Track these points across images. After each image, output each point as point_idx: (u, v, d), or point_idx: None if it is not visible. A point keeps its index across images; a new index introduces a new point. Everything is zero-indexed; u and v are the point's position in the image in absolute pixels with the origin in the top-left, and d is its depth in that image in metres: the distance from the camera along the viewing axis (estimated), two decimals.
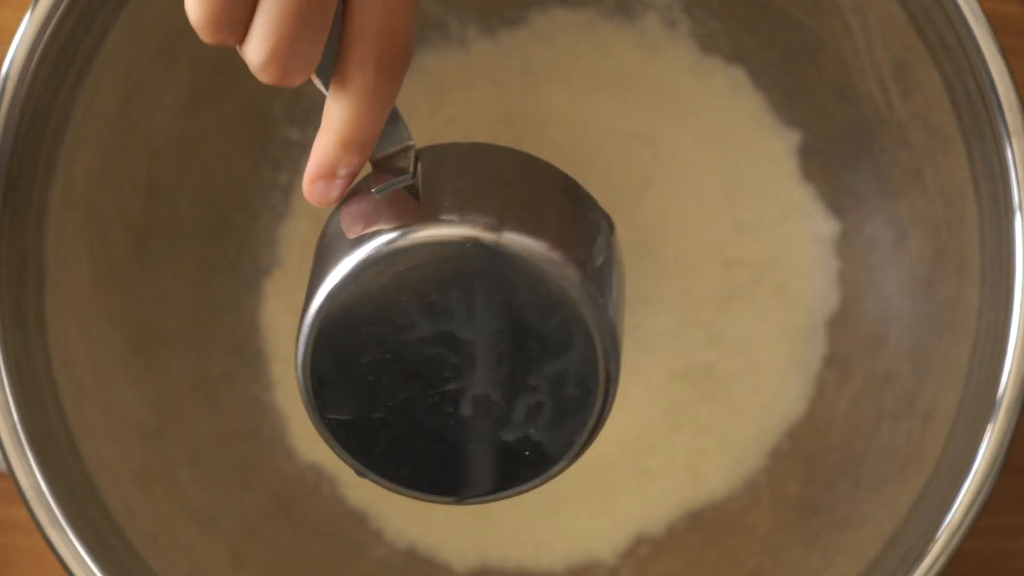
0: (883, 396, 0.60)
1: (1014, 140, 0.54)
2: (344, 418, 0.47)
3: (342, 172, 0.46)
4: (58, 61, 0.55)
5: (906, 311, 0.60)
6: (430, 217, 0.46)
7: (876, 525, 0.57)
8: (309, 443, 0.63)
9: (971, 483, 0.54)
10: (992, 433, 0.54)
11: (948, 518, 0.54)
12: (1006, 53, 0.54)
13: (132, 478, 0.58)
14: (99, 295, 0.59)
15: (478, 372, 0.46)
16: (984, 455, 0.54)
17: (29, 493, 0.54)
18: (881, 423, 0.60)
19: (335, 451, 0.48)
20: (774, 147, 0.63)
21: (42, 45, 0.54)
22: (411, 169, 0.47)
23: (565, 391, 0.47)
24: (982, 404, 0.54)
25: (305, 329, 0.47)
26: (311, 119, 0.63)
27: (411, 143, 0.47)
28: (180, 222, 0.62)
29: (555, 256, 0.46)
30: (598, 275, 0.47)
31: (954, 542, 0.54)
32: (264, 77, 0.45)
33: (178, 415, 0.61)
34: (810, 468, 0.61)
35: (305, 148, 0.63)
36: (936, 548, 0.54)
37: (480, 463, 0.48)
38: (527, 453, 0.47)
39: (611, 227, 0.49)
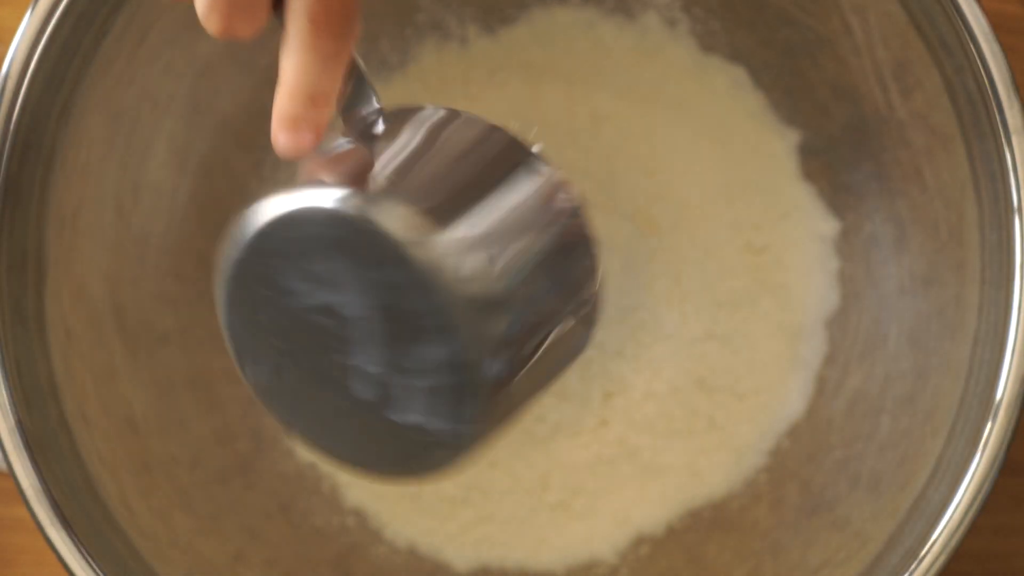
0: (883, 396, 0.60)
1: (1014, 140, 0.54)
2: (262, 380, 0.46)
3: (302, 123, 0.46)
4: (58, 61, 0.55)
5: (906, 310, 0.60)
6: (332, 181, 0.45)
7: (876, 525, 0.57)
8: None
9: (971, 483, 0.54)
10: (992, 433, 0.54)
11: (948, 517, 0.54)
12: (1006, 53, 0.54)
13: (132, 478, 0.58)
14: (99, 294, 0.59)
15: (361, 348, 0.45)
16: (984, 455, 0.54)
17: (29, 493, 0.54)
18: (881, 423, 0.60)
19: (262, 403, 0.47)
20: (774, 146, 0.63)
21: (42, 45, 0.54)
22: (370, 127, 0.47)
23: (441, 379, 0.44)
24: (982, 404, 0.54)
25: (220, 270, 0.46)
26: None
27: (376, 107, 0.48)
28: (180, 221, 0.62)
29: (427, 236, 0.44)
30: (500, 257, 0.45)
31: (954, 541, 0.54)
32: (210, 28, 0.46)
33: (178, 414, 0.61)
34: (810, 468, 0.61)
35: None
36: (936, 548, 0.54)
37: (379, 441, 0.46)
38: (417, 437, 0.45)
39: (574, 207, 0.47)
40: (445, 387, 0.44)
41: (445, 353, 0.44)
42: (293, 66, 0.46)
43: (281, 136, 0.46)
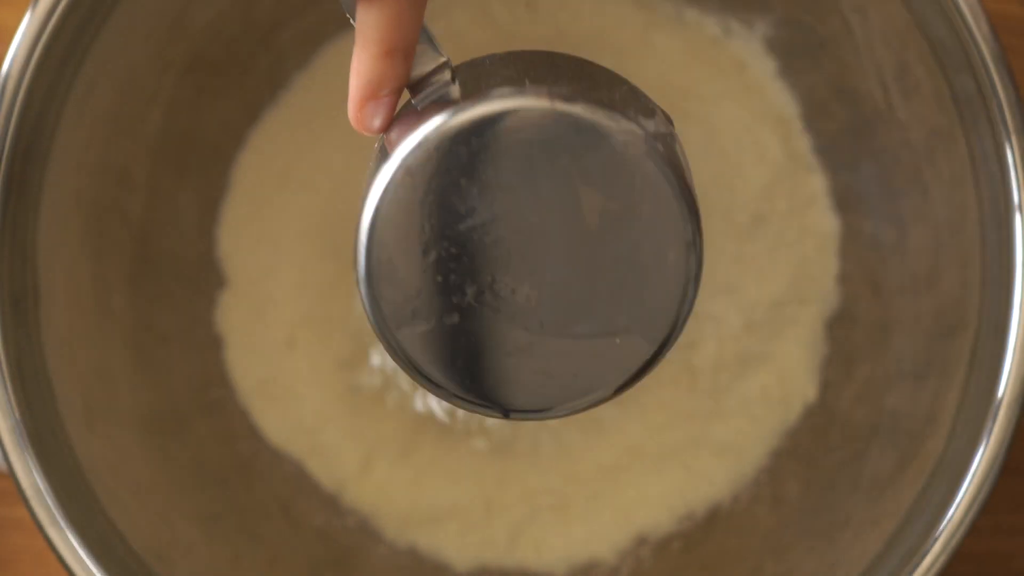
0: (883, 396, 0.60)
1: (1014, 140, 0.54)
2: (415, 329, 0.44)
3: (386, 89, 0.44)
4: (58, 61, 0.55)
5: (906, 311, 0.60)
6: (477, 97, 0.43)
7: (876, 525, 0.57)
8: None
9: (971, 483, 0.54)
10: (992, 433, 0.54)
11: (948, 518, 0.54)
12: (1006, 53, 0.54)
13: (132, 478, 0.58)
14: (99, 295, 0.59)
15: (549, 252, 0.43)
16: (984, 455, 0.54)
17: (29, 493, 0.54)
18: (881, 423, 0.60)
19: (410, 371, 0.45)
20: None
21: (42, 45, 0.54)
22: (446, 83, 0.45)
23: (645, 260, 0.43)
24: (982, 404, 0.54)
25: (362, 237, 0.44)
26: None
27: (445, 59, 0.45)
28: (180, 221, 0.62)
29: (614, 115, 0.43)
30: (661, 138, 0.44)
31: (954, 542, 0.54)
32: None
33: (178, 415, 0.61)
34: (810, 468, 0.61)
35: None
36: (936, 548, 0.54)
37: (569, 361, 0.44)
38: (617, 341, 0.44)
39: (669, 119, 0.46)
40: (650, 268, 0.43)
41: (650, 234, 0.43)
42: (387, 15, 0.44)
43: (369, 108, 0.44)
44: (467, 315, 0.44)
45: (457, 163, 0.43)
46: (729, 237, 0.63)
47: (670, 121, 0.46)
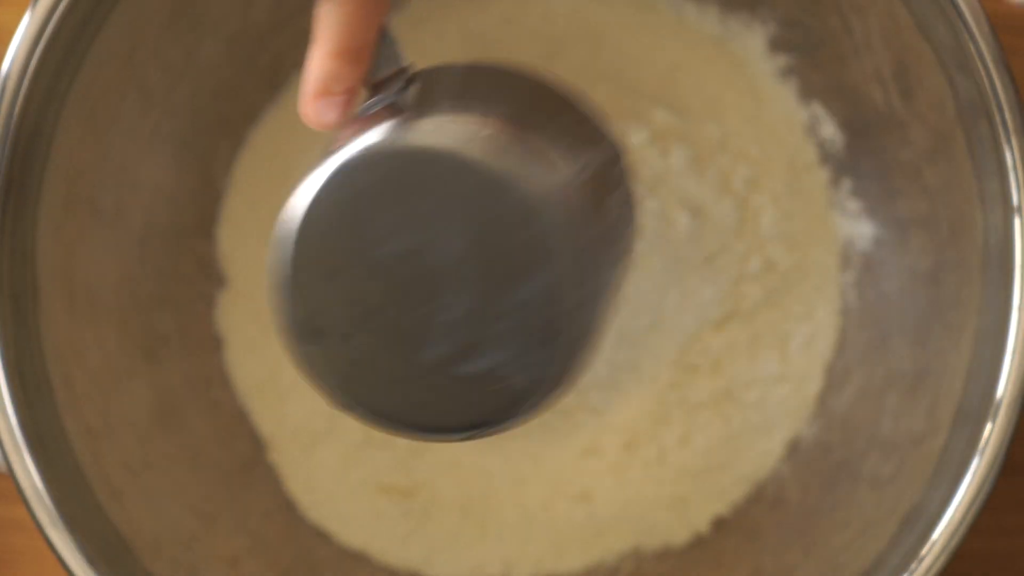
0: (883, 396, 0.60)
1: (1014, 140, 0.54)
2: (322, 354, 0.45)
3: (338, 87, 0.45)
4: (58, 61, 0.55)
5: (906, 311, 0.60)
6: (408, 126, 0.44)
7: (876, 525, 0.57)
8: None
9: (971, 482, 0.54)
10: (992, 433, 0.54)
11: (948, 517, 0.54)
12: (1006, 53, 0.54)
13: (132, 478, 0.58)
14: (99, 294, 0.59)
15: (447, 293, 0.44)
16: (984, 455, 0.54)
17: (29, 493, 0.54)
18: (881, 422, 0.60)
19: (309, 380, 0.45)
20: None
21: (42, 45, 0.54)
22: (403, 88, 0.46)
23: (531, 320, 0.44)
24: (982, 404, 0.54)
25: (283, 243, 0.44)
26: None
27: (406, 65, 0.46)
28: (181, 222, 0.62)
29: (531, 162, 0.43)
30: (580, 192, 0.44)
31: (954, 541, 0.54)
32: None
33: (178, 415, 0.61)
34: (810, 468, 0.61)
35: None
36: (936, 548, 0.54)
37: (449, 400, 0.45)
38: (504, 383, 0.44)
39: (617, 151, 0.46)
40: (535, 329, 0.44)
41: (538, 292, 0.43)
42: (340, 18, 0.44)
43: (320, 104, 0.45)
44: (366, 338, 0.45)
45: (379, 190, 0.44)
46: (728, 238, 0.63)
47: (618, 153, 0.46)
